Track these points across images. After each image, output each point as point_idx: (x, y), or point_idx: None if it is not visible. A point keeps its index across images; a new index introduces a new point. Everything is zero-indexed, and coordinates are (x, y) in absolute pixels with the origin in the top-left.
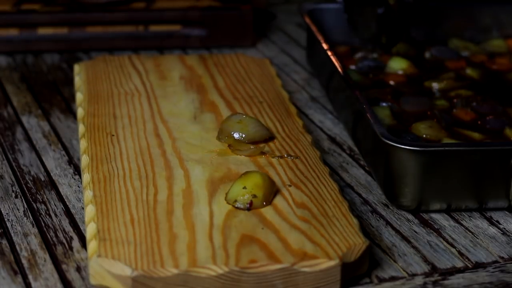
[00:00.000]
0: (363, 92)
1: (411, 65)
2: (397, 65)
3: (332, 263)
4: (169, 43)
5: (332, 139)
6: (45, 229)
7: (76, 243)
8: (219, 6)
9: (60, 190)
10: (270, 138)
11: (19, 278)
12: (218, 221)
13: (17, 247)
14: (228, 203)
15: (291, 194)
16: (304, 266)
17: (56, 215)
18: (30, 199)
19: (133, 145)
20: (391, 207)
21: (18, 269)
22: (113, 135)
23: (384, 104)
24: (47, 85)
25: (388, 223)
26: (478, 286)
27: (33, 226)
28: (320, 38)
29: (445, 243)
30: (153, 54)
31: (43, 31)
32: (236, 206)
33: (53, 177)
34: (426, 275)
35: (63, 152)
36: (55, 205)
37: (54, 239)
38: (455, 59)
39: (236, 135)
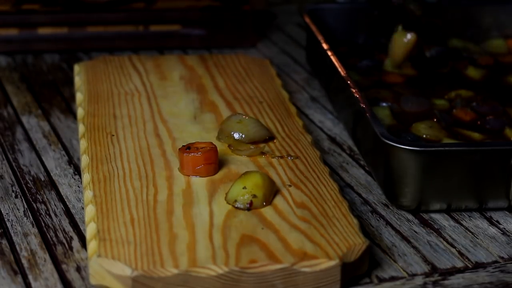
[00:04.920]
0: (363, 92)
1: (408, 64)
2: None
3: (332, 263)
4: (169, 43)
5: (332, 139)
6: (45, 229)
7: (76, 243)
8: (219, 6)
9: (60, 190)
10: (270, 138)
11: (19, 278)
12: (218, 221)
13: (17, 247)
14: (228, 203)
15: (291, 194)
16: (304, 266)
17: (56, 215)
18: (30, 199)
19: (133, 145)
20: (391, 207)
21: (18, 269)
22: (113, 135)
23: (384, 104)
24: (47, 85)
25: (388, 223)
26: (478, 286)
27: (33, 226)
28: (320, 38)
29: (445, 243)
30: (153, 54)
31: (43, 31)
32: (236, 206)
33: (53, 177)
34: (426, 275)
35: (63, 152)
36: (55, 205)
37: (54, 239)
38: (455, 59)
39: (236, 135)
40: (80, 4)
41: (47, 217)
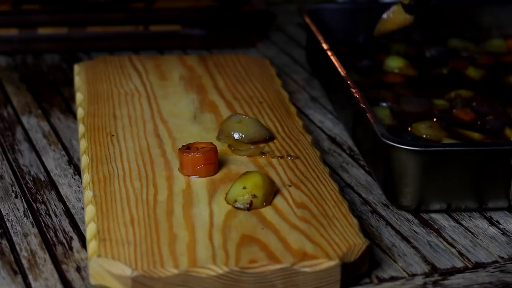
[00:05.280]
0: (363, 92)
1: (408, 64)
2: (394, 63)
3: (332, 263)
4: (169, 43)
5: (332, 139)
6: (45, 229)
7: (76, 243)
8: (219, 6)
9: (60, 190)
10: (270, 138)
11: (19, 278)
12: (218, 221)
13: (17, 247)
14: (228, 203)
15: (291, 194)
16: (304, 266)
17: (56, 215)
18: (30, 199)
19: (133, 145)
20: (391, 207)
21: (18, 269)
22: (113, 135)
23: (384, 104)
24: (47, 85)
25: (388, 223)
26: (478, 286)
27: (33, 226)
28: (320, 38)
29: (445, 243)
30: (153, 54)
31: (43, 31)
32: (236, 206)
33: (53, 177)
34: (426, 275)
35: (63, 152)
36: (55, 205)
37: (54, 239)
38: (456, 59)
39: (236, 135)
40: (80, 4)
41: (47, 217)
